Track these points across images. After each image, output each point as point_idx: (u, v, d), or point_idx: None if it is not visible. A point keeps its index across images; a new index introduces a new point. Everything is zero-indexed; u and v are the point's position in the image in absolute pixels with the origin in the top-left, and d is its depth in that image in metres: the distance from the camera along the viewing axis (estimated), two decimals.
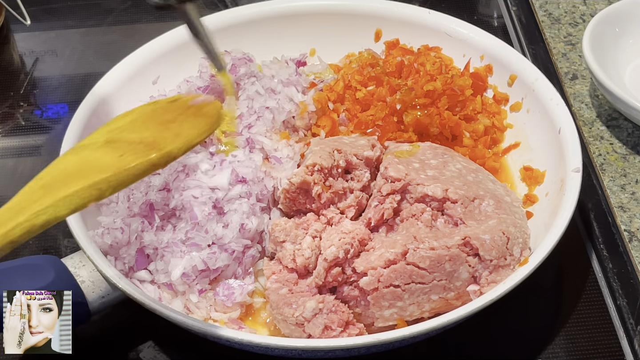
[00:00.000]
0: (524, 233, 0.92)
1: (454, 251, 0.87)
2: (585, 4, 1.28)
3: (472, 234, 0.88)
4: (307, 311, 0.87)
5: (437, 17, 1.17)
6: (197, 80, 1.09)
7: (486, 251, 0.88)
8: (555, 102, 1.04)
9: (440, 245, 0.87)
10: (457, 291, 0.88)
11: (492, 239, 0.88)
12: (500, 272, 0.88)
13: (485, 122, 1.08)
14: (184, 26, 0.93)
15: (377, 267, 0.87)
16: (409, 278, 0.87)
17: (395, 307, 0.87)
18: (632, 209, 1.00)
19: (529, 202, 1.01)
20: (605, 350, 0.93)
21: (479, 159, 1.05)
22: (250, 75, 1.09)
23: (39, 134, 1.23)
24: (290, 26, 1.20)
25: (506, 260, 0.89)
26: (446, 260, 0.87)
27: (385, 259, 0.87)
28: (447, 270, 0.87)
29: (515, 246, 0.90)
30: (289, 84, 1.09)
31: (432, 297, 0.88)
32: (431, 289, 0.87)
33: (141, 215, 0.94)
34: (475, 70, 1.13)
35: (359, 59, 1.16)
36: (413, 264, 0.87)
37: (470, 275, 0.88)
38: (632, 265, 0.95)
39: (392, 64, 1.13)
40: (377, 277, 0.87)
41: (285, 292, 0.89)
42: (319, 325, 0.86)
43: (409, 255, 0.87)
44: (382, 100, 1.08)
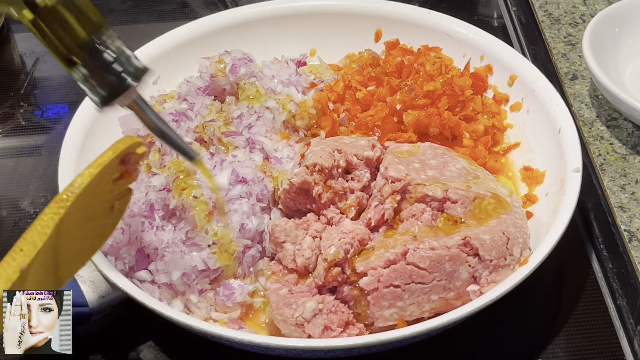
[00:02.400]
0: (524, 233, 0.91)
1: (454, 251, 0.87)
2: (585, 4, 1.28)
3: (472, 234, 0.88)
4: (307, 312, 0.86)
5: (437, 17, 1.17)
6: (197, 81, 1.09)
7: (486, 251, 0.88)
8: (555, 103, 1.04)
9: (440, 245, 0.87)
10: (457, 291, 0.88)
11: (492, 239, 0.88)
12: (500, 272, 0.88)
13: (485, 122, 1.08)
14: (182, 26, 0.91)
15: (377, 267, 0.87)
16: (409, 278, 0.87)
17: (396, 307, 0.87)
18: (632, 209, 0.99)
19: (529, 202, 1.01)
20: (605, 350, 0.93)
21: (480, 159, 1.05)
22: (251, 75, 1.09)
23: (39, 134, 1.23)
24: (290, 26, 1.20)
25: (506, 260, 0.89)
26: (446, 260, 0.87)
27: (385, 259, 0.87)
28: (447, 270, 0.87)
29: (515, 246, 0.89)
30: (289, 84, 1.10)
31: (432, 297, 0.87)
32: (431, 289, 0.87)
33: (141, 215, 0.94)
34: (475, 70, 1.13)
35: (359, 59, 1.16)
36: (413, 264, 0.87)
37: (470, 275, 0.88)
38: (632, 265, 0.95)
39: (392, 64, 1.13)
40: (377, 277, 0.87)
41: (285, 292, 0.89)
42: (318, 326, 0.86)
43: (409, 255, 0.87)
44: (382, 101, 1.08)
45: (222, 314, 0.93)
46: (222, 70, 1.07)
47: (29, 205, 1.11)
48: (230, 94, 1.09)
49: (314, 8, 1.21)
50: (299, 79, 1.11)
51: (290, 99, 1.07)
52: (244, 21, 1.19)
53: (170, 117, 1.02)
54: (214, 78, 1.08)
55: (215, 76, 1.07)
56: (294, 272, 0.91)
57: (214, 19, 1.18)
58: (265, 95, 1.06)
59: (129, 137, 0.84)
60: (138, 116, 0.83)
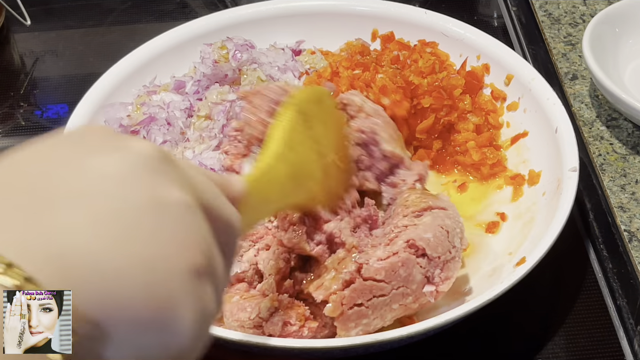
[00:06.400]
0: (457, 222, 0.89)
1: (403, 255, 0.84)
2: (585, 4, 1.28)
3: (415, 235, 0.85)
4: (263, 311, 0.84)
5: (434, 17, 1.17)
6: (199, 66, 1.08)
7: (432, 249, 0.85)
8: (552, 102, 1.04)
9: (387, 253, 0.84)
10: (414, 294, 0.85)
11: (435, 236, 0.85)
12: (449, 266, 0.86)
13: (475, 121, 1.07)
14: (180, 25, 0.90)
15: (336, 291, 0.83)
16: (370, 293, 0.83)
17: (361, 325, 0.84)
18: (632, 209, 0.99)
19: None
20: (605, 350, 0.93)
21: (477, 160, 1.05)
22: (252, 62, 1.09)
23: (39, 134, 1.23)
24: (288, 26, 1.20)
25: (451, 254, 0.86)
26: (399, 266, 0.84)
27: (342, 280, 0.83)
28: (402, 275, 0.84)
29: (455, 237, 0.87)
30: (286, 69, 1.10)
31: (393, 306, 0.84)
32: (392, 299, 0.84)
33: None
34: (472, 68, 1.13)
35: (348, 47, 1.16)
36: (371, 279, 0.83)
37: (423, 276, 0.85)
38: (632, 265, 0.95)
39: (388, 57, 1.12)
40: (340, 301, 0.82)
41: (237, 299, 0.86)
42: (277, 323, 0.84)
43: (364, 270, 0.83)
44: (367, 85, 1.07)
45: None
46: (225, 57, 1.07)
47: None
48: (232, 80, 1.09)
49: (311, 8, 1.21)
50: (295, 64, 1.11)
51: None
52: (243, 21, 1.19)
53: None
54: (217, 64, 1.07)
55: (218, 62, 1.07)
56: (243, 282, 0.89)
57: (213, 19, 1.18)
58: (265, 82, 1.06)
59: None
60: None
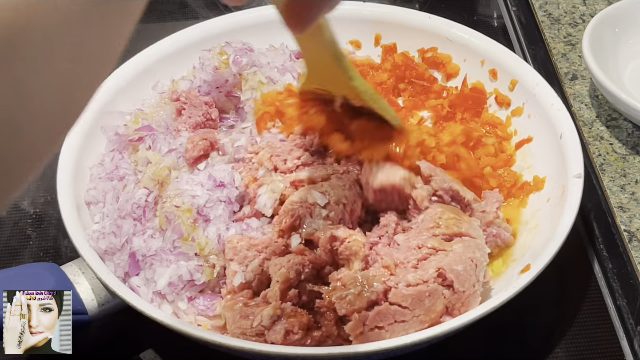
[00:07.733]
0: (484, 254, 0.88)
1: (432, 286, 0.83)
2: (585, 4, 1.28)
3: (445, 264, 0.84)
4: (266, 319, 0.83)
5: (437, 21, 1.16)
6: (199, 73, 1.07)
7: (460, 283, 0.84)
8: (556, 108, 1.03)
9: (417, 280, 0.84)
10: (431, 322, 0.84)
11: (465, 269, 0.85)
12: (470, 301, 0.85)
13: (491, 142, 1.04)
14: (181, 30, 0.89)
15: (360, 309, 0.82)
16: (392, 318, 0.83)
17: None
18: (632, 209, 0.99)
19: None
20: (605, 350, 0.93)
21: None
22: (252, 65, 1.08)
23: None
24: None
25: (474, 288, 0.86)
26: (426, 296, 0.83)
27: (367, 299, 0.82)
28: (426, 305, 0.83)
29: (481, 271, 0.87)
30: (285, 70, 1.08)
31: (409, 331, 0.83)
32: (410, 325, 0.83)
33: (131, 216, 0.94)
34: (472, 85, 1.11)
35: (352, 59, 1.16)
36: (397, 304, 0.83)
37: (444, 306, 0.85)
38: (632, 266, 0.95)
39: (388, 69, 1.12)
40: (362, 320, 0.82)
41: (240, 306, 0.86)
42: (279, 332, 0.82)
43: (392, 294, 0.83)
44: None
45: (207, 319, 0.90)
46: (225, 62, 1.06)
47: (28, 206, 1.10)
48: (232, 86, 1.08)
49: None
50: (293, 65, 1.10)
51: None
52: (243, 25, 1.16)
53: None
54: (217, 70, 1.07)
55: (218, 68, 1.06)
56: (248, 288, 0.88)
57: (213, 24, 1.17)
58: (266, 85, 1.05)
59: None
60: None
